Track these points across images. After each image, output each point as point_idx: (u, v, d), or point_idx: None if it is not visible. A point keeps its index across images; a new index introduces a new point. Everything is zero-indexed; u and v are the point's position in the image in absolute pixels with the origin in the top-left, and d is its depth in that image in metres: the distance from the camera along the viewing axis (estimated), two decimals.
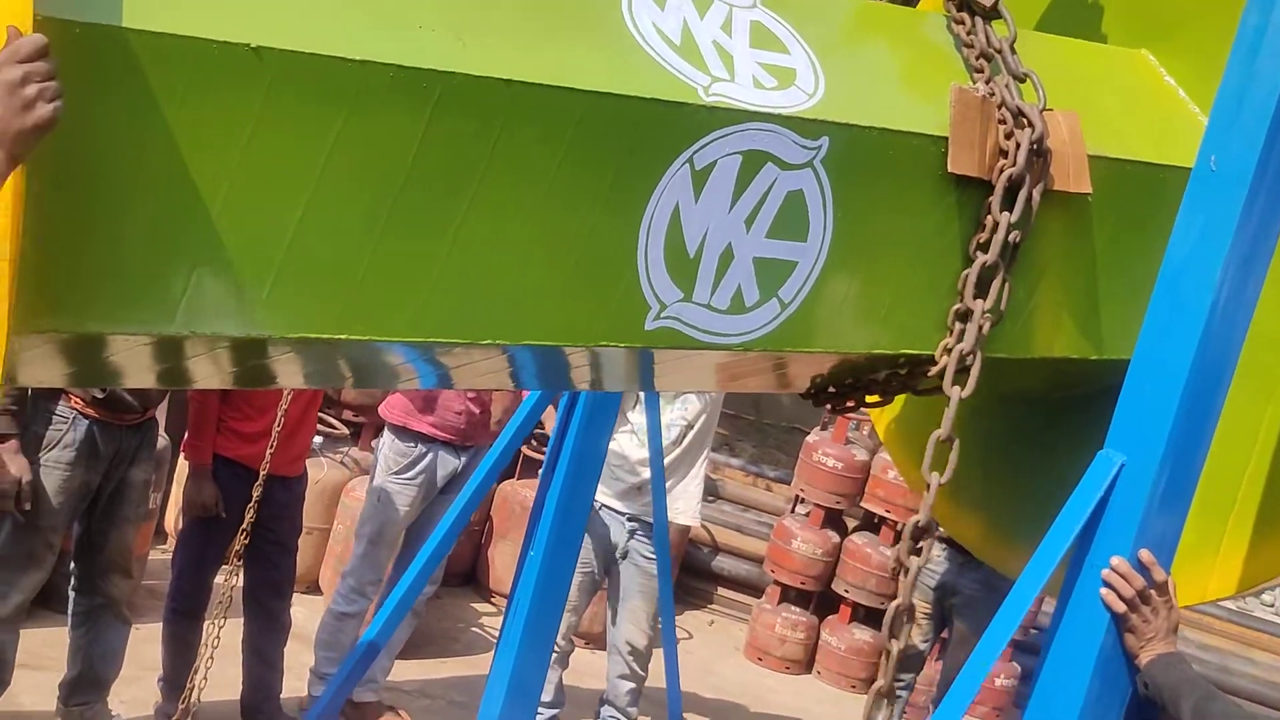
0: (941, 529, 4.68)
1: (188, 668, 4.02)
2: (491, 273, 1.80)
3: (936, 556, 4.83)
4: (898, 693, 4.87)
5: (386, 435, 4.66)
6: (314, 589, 5.32)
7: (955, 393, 2.11)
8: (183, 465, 5.46)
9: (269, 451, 3.75)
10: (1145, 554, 2.08)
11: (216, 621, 3.69)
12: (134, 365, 1.91)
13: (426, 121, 1.68)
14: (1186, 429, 2.09)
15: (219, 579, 4.12)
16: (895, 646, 2.04)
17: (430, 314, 1.77)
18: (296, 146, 1.63)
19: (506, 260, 1.80)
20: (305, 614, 4.76)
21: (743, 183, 1.93)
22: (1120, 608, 2.07)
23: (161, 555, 5.44)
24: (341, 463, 5.59)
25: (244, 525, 3.80)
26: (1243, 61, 2.09)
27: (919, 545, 2.06)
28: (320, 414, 5.68)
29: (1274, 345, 2.36)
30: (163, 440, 4.12)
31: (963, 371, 2.13)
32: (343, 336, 1.73)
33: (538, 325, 1.86)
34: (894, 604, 2.06)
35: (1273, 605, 9.05)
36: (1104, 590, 2.08)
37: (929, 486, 2.08)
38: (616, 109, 1.80)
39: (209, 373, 2.08)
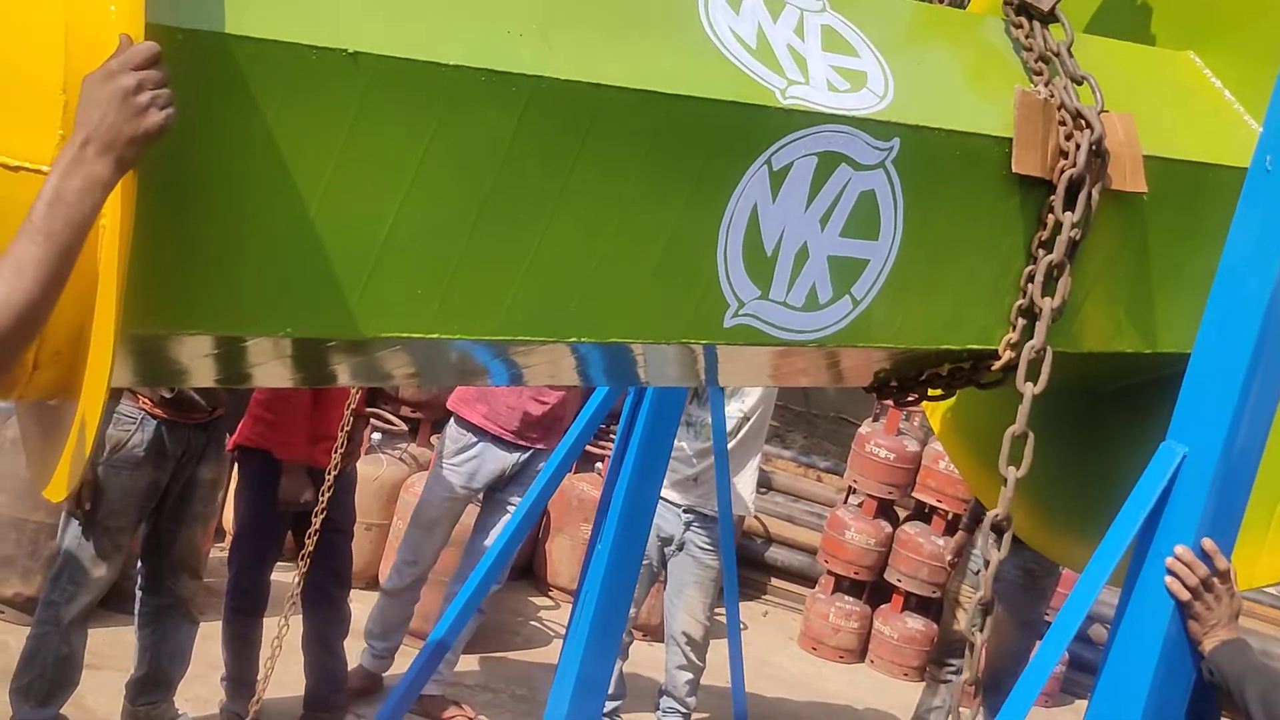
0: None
1: (251, 665, 3.95)
2: (577, 271, 1.72)
3: (978, 543, 4.75)
4: (948, 677, 4.79)
5: (452, 425, 4.59)
6: (373, 584, 5.18)
7: (1029, 389, 2.04)
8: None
9: (337, 452, 3.62)
10: (1208, 542, 2.00)
11: (280, 620, 3.60)
12: (216, 365, 1.85)
13: (516, 124, 1.61)
14: (1246, 420, 2.02)
15: (279, 575, 4.05)
16: (980, 639, 1.97)
17: (519, 312, 1.70)
18: (390, 149, 1.56)
19: (592, 259, 1.73)
20: (363, 610, 4.68)
21: (818, 183, 1.85)
22: (1185, 595, 1.99)
23: (220, 554, 5.37)
24: (400, 459, 5.49)
25: (317, 515, 3.66)
26: None
27: (1000, 539, 1.99)
28: (378, 409, 5.65)
29: None
30: (228, 438, 4.02)
31: (1034, 367, 2.05)
32: (435, 336, 1.66)
33: (622, 323, 1.79)
34: (978, 597, 1.99)
35: None
36: (1168, 579, 2.00)
37: (1005, 481, 2.00)
38: (698, 112, 1.73)
39: (281, 373, 2.02)
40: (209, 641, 4.24)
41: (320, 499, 3.66)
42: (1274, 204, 2.00)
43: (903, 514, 6.18)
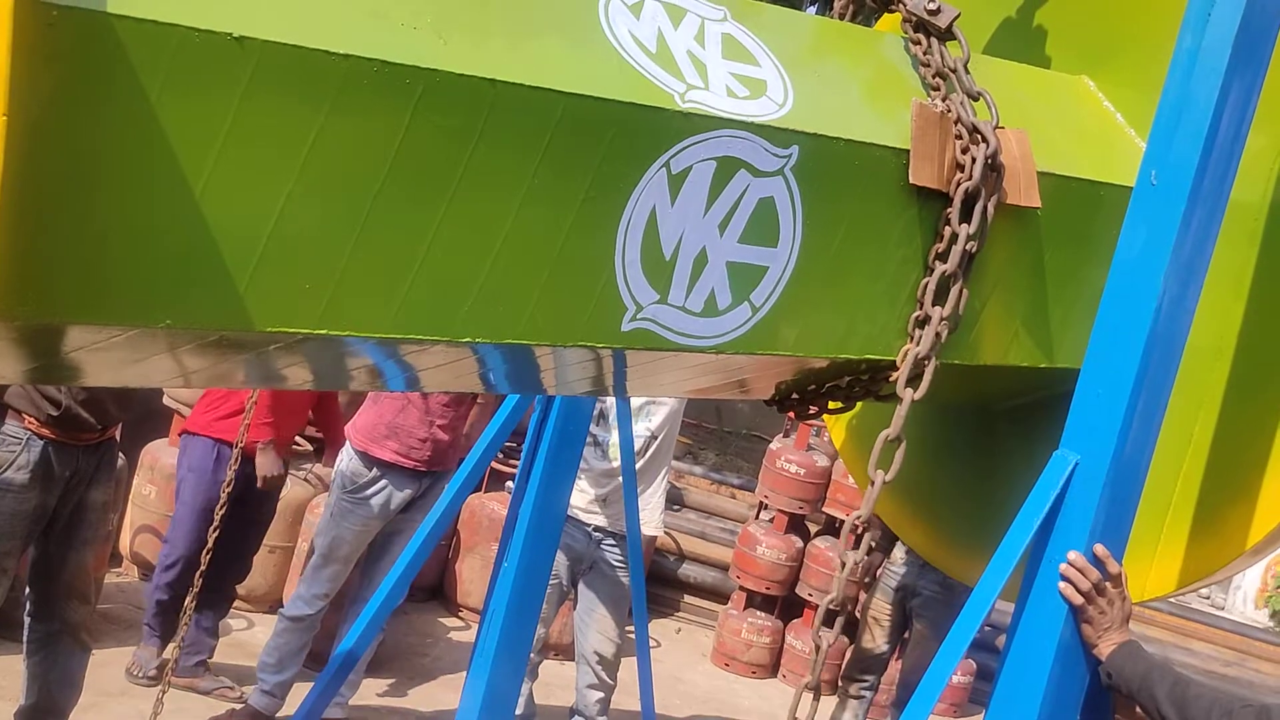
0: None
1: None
2: (471, 271, 1.69)
3: (898, 559, 4.78)
4: (862, 693, 4.79)
5: (347, 450, 4.48)
6: (277, 608, 5.08)
7: (908, 394, 2.04)
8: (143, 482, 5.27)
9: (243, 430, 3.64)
10: (1100, 548, 2.02)
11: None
12: (102, 360, 1.77)
13: (409, 118, 1.57)
14: (1135, 428, 2.05)
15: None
16: (825, 640, 1.96)
17: (411, 311, 1.66)
18: (276, 139, 1.51)
19: (486, 259, 1.69)
20: (267, 634, 4.55)
21: (717, 188, 1.84)
22: (1078, 600, 2.01)
23: (116, 578, 5.19)
24: (305, 479, 5.38)
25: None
26: (1179, 83, 2.07)
27: (859, 541, 1.99)
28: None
29: (1202, 356, 2.33)
30: (120, 459, 3.89)
31: (916, 374, 2.06)
32: (323, 332, 1.61)
33: (517, 324, 1.75)
34: (825, 600, 1.98)
35: (1209, 598, 9.15)
36: (1062, 584, 2.02)
37: (872, 483, 2.00)
38: (596, 111, 1.71)
39: (173, 370, 1.94)
40: (106, 669, 4.09)
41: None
42: (1158, 218, 2.04)
43: (814, 529, 6.22)
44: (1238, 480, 2.34)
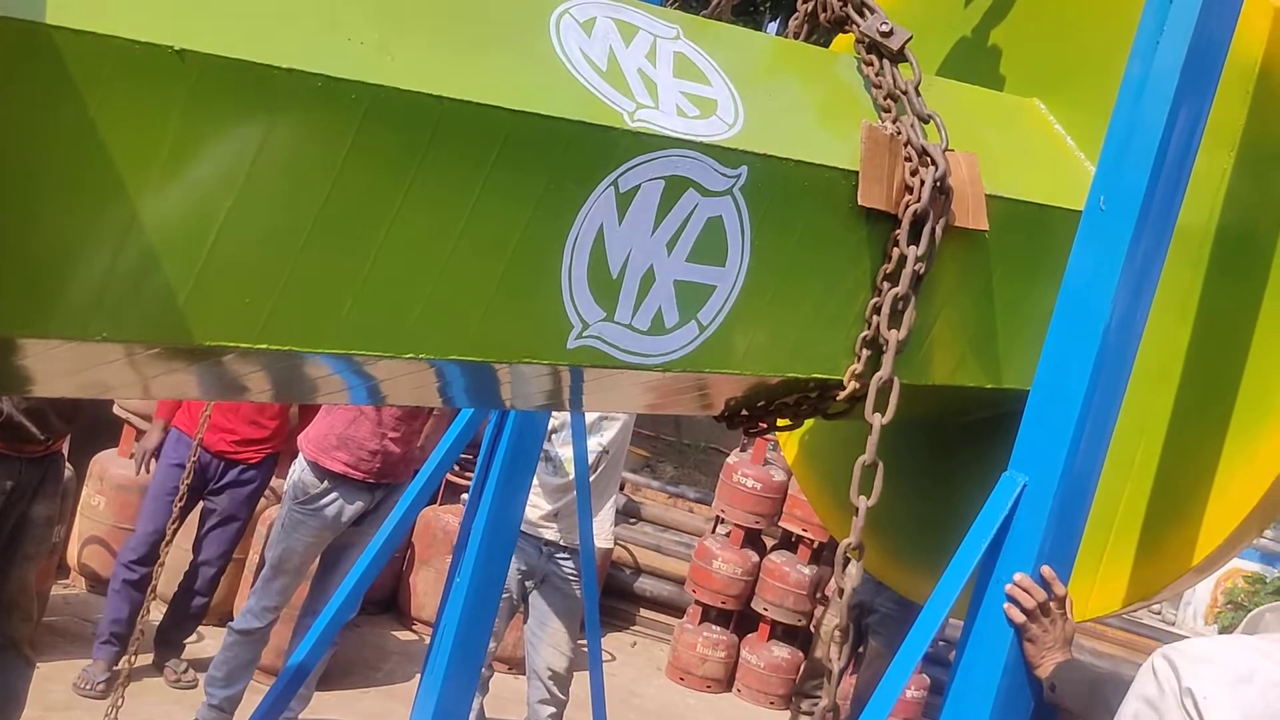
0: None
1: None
2: (415, 286, 1.69)
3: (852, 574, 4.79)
4: (814, 709, 4.80)
5: (299, 462, 4.45)
6: (227, 621, 5.04)
7: (877, 419, 2.06)
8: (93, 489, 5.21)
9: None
10: (1046, 570, 2.05)
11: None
12: (48, 371, 1.76)
13: (354, 133, 1.57)
14: (1083, 450, 2.08)
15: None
16: (837, 666, 1.98)
17: (354, 326, 1.66)
18: (218, 152, 1.50)
19: (431, 275, 1.70)
20: (216, 647, 4.51)
21: (665, 207, 1.85)
22: (1020, 619, 2.03)
23: (63, 590, 5.14)
24: None
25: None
26: (1127, 109, 2.11)
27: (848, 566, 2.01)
28: None
29: (1146, 378, 2.36)
30: (67, 471, 3.85)
31: (882, 398, 2.08)
32: (264, 346, 1.60)
33: (461, 340, 1.75)
34: (833, 625, 2.00)
35: (1160, 613, 9.26)
36: (1006, 604, 2.04)
37: (857, 510, 2.02)
38: (544, 130, 1.71)
39: (127, 381, 1.93)
40: (51, 683, 4.04)
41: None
42: (1107, 242, 2.07)
43: (770, 543, 6.24)
44: (1180, 501, 2.37)
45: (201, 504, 4.77)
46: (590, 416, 4.34)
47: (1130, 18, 2.15)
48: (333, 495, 4.36)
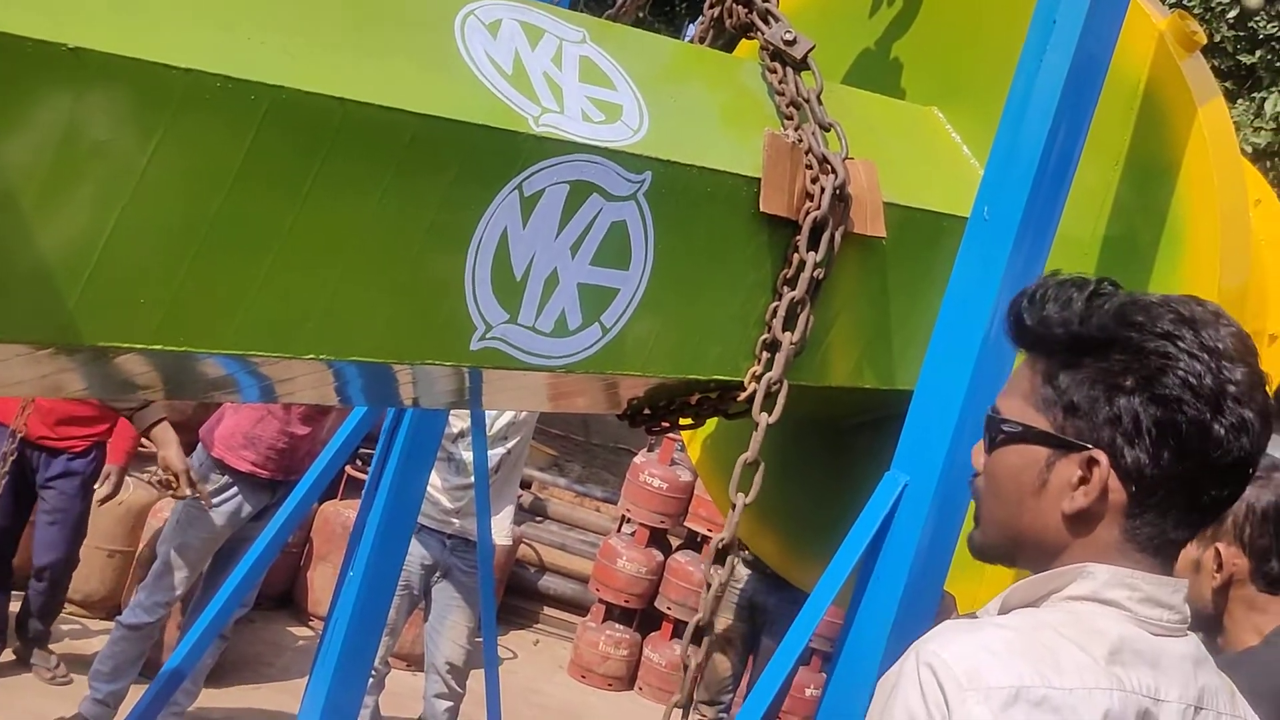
0: (747, 550, 4.76)
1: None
2: (316, 288, 1.71)
3: (741, 576, 4.88)
4: (720, 715, 4.89)
5: (199, 454, 4.40)
6: (115, 615, 4.95)
7: (764, 419, 2.13)
8: None
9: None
10: None
11: None
12: None
13: (253, 135, 1.58)
14: (962, 450, 2.15)
15: None
16: (694, 659, 2.04)
17: (252, 327, 1.67)
18: (113, 152, 1.50)
19: (332, 276, 1.72)
20: (102, 642, 4.44)
21: (569, 211, 1.90)
22: None
23: None
24: (149, 482, 5.25)
25: None
26: (1012, 122, 2.20)
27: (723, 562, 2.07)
28: None
29: None
30: None
31: (770, 399, 2.15)
32: (159, 348, 1.61)
33: (362, 342, 1.77)
34: (694, 619, 2.06)
35: None
36: None
37: (734, 506, 2.09)
38: (448, 133, 1.74)
39: (14, 379, 1.91)
40: None
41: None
42: (989, 250, 2.16)
43: (675, 543, 6.33)
44: None
45: (36, 502, 4.63)
46: (496, 426, 4.39)
47: (1025, 30, 2.25)
48: (233, 491, 4.34)
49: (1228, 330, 1.26)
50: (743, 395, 2.23)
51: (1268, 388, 1.28)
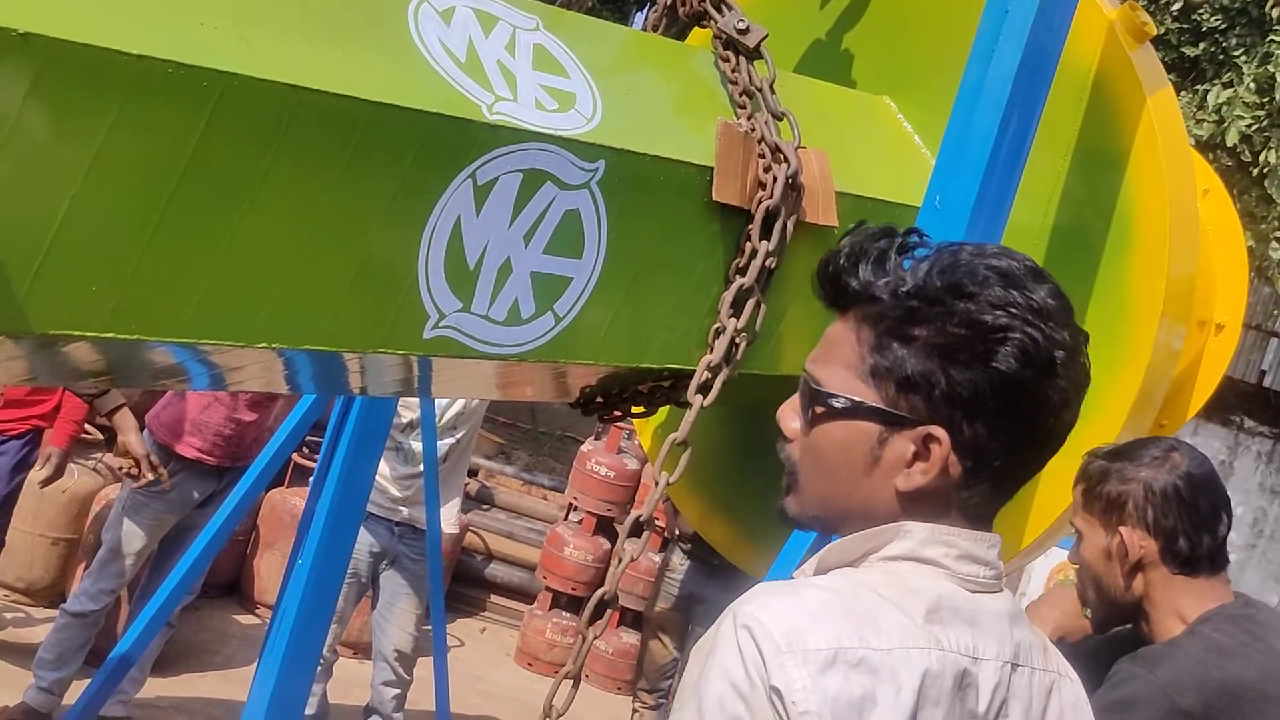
0: (687, 543, 4.79)
1: None
2: (269, 276, 1.71)
3: (677, 566, 4.91)
4: (660, 702, 4.93)
5: (145, 440, 4.38)
6: (59, 602, 4.90)
7: (698, 401, 2.17)
8: None
9: None
10: None
11: None
12: None
13: (205, 122, 1.58)
14: None
15: None
16: (592, 633, 2.07)
17: (204, 315, 1.67)
18: (64, 139, 1.50)
19: (285, 265, 1.72)
20: (46, 629, 4.40)
21: (523, 200, 1.91)
22: None
23: None
24: (94, 469, 5.19)
25: None
26: (964, 112, 2.25)
27: (638, 538, 2.12)
28: None
29: None
30: None
31: (707, 383, 2.18)
32: (110, 336, 1.61)
33: (315, 330, 1.78)
34: (598, 592, 2.10)
35: None
36: None
37: (656, 483, 2.12)
38: (402, 121, 1.75)
39: None
40: None
41: None
42: (941, 240, 2.20)
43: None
44: None
45: None
46: (446, 416, 4.40)
47: (977, 19, 2.29)
48: (180, 477, 4.32)
49: (1049, 289, 1.23)
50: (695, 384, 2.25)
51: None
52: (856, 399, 1.25)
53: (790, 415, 1.35)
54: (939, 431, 1.21)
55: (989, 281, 1.21)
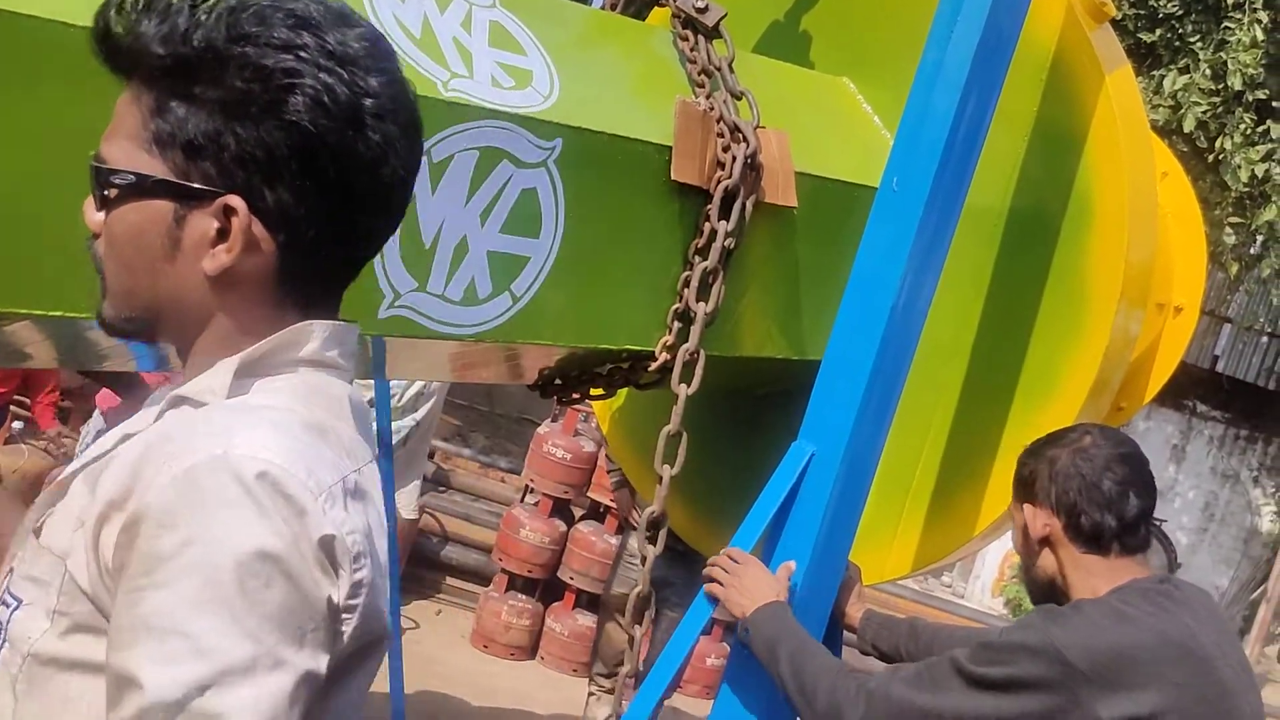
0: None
1: None
2: None
3: (637, 551, 4.91)
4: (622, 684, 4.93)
5: (96, 421, 4.33)
6: None
7: (683, 390, 2.17)
8: None
9: None
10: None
11: None
12: None
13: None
14: (868, 421, 2.22)
15: None
16: (639, 632, 2.08)
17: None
18: (8, 109, 1.48)
19: None
20: None
21: (479, 178, 1.91)
22: (716, 590, 2.19)
23: None
24: (46, 450, 5.13)
25: None
26: (921, 95, 2.25)
27: (655, 534, 2.12)
28: (20, 398, 5.28)
29: (941, 353, 2.55)
30: None
31: (688, 369, 2.19)
32: (57, 314, 1.59)
33: None
34: (634, 591, 2.10)
35: (950, 586, 9.87)
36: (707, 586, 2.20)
37: (661, 479, 2.13)
38: None
39: None
40: None
41: None
42: (898, 222, 2.21)
43: (578, 513, 6.37)
44: (971, 469, 2.58)
45: None
46: (405, 396, 4.37)
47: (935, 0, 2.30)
48: None
49: (356, 32, 1.09)
50: (654, 365, 2.26)
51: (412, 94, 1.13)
52: (141, 172, 1.07)
53: (89, 207, 1.12)
54: (235, 201, 1.06)
55: (275, 23, 1.06)
